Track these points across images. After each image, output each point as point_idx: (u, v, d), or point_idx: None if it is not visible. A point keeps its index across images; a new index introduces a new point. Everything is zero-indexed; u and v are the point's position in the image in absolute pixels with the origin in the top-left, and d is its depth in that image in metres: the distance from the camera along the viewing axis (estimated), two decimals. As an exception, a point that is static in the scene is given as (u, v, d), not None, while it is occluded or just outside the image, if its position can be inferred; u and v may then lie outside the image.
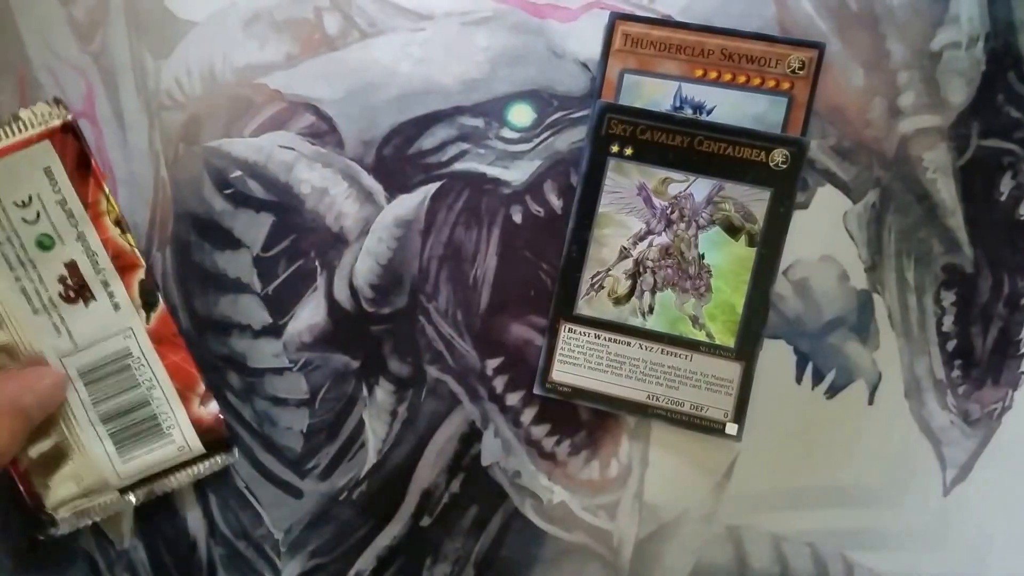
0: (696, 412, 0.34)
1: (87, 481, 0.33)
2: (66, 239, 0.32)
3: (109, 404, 0.33)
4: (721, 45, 0.34)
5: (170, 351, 0.33)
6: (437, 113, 0.35)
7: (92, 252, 0.33)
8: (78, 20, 0.35)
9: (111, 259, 0.33)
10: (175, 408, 0.33)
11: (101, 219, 0.33)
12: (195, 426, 0.34)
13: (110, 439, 0.33)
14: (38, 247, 0.32)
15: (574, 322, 0.34)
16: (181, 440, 0.33)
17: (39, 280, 0.32)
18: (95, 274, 0.33)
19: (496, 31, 0.35)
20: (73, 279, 0.32)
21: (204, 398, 0.34)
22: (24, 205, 0.32)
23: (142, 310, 0.33)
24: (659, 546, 0.34)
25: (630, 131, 0.34)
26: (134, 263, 0.33)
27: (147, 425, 0.33)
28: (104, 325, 0.33)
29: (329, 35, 0.35)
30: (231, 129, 0.35)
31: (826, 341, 0.34)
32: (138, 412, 0.33)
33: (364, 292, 0.35)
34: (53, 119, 0.32)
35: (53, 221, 0.32)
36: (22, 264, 0.32)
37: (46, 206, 0.32)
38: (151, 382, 0.33)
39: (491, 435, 0.35)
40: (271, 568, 0.35)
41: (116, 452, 0.33)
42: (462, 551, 0.35)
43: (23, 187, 0.32)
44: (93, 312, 0.33)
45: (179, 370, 0.33)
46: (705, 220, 0.34)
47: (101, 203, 0.33)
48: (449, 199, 0.35)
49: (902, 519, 0.34)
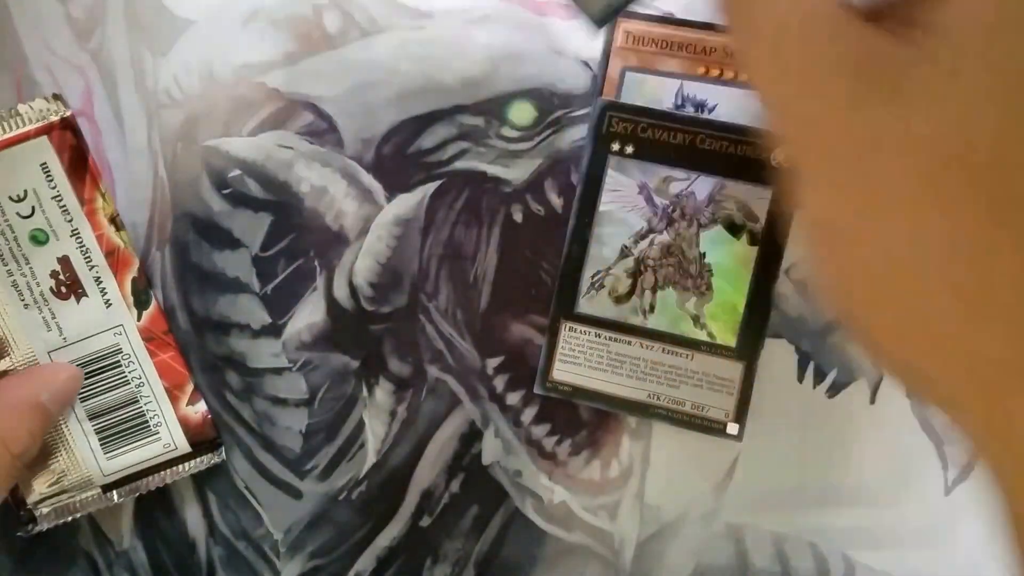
0: (697, 412, 0.33)
1: (70, 477, 0.33)
2: (60, 234, 0.32)
3: (97, 400, 0.33)
4: (723, 43, 0.33)
5: (160, 349, 0.33)
6: (437, 111, 0.35)
7: (86, 248, 0.32)
8: (76, 18, 0.35)
9: (104, 256, 0.33)
10: (163, 406, 0.33)
11: (96, 216, 0.32)
12: (182, 425, 0.33)
13: (96, 435, 0.33)
14: (32, 241, 0.32)
15: (575, 321, 0.34)
16: (168, 438, 0.33)
17: (31, 275, 0.32)
18: (88, 270, 0.32)
19: (497, 29, 0.34)
20: (65, 274, 0.32)
21: (192, 397, 0.33)
22: (19, 200, 0.32)
23: (134, 308, 0.33)
24: (660, 546, 0.34)
25: (631, 129, 0.33)
26: (128, 261, 0.33)
27: (134, 422, 0.33)
28: (95, 321, 0.33)
29: (328, 33, 0.35)
30: (230, 128, 0.35)
31: (828, 340, 0.34)
32: (126, 409, 0.33)
33: (364, 291, 0.35)
34: (51, 115, 0.32)
35: (48, 216, 0.32)
36: (15, 258, 0.32)
37: (41, 201, 0.32)
38: (140, 380, 0.33)
39: (491, 435, 0.34)
40: (270, 569, 0.35)
41: (101, 448, 0.33)
42: (462, 551, 0.35)
43: (19, 182, 0.32)
44: (84, 308, 0.32)
45: (168, 369, 0.33)
46: (707, 219, 0.33)
47: (97, 200, 0.32)
48: (449, 198, 0.35)
49: (903, 518, 0.34)
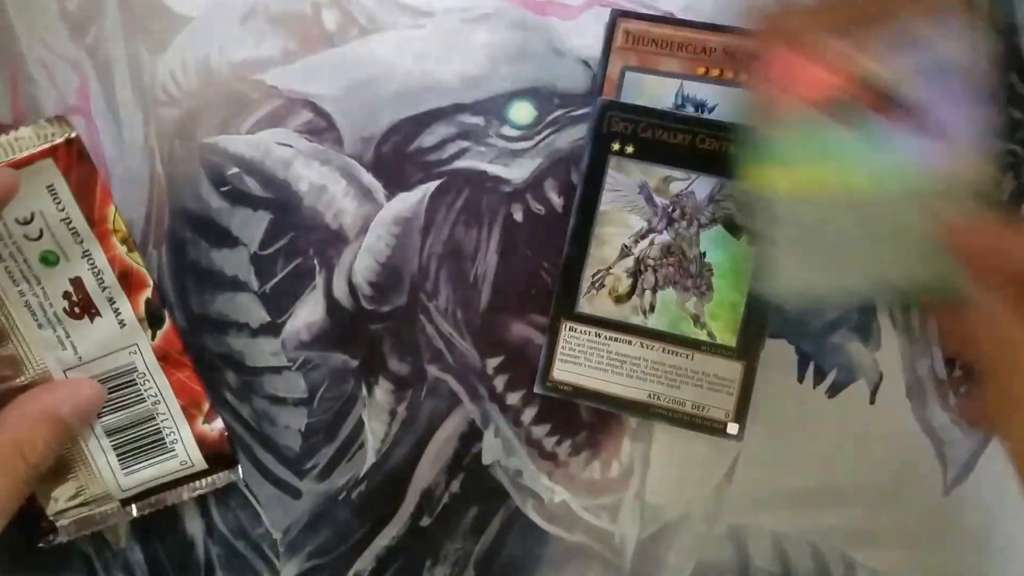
0: (697, 412, 0.33)
1: (89, 491, 0.33)
2: (71, 256, 0.32)
3: (113, 417, 0.33)
4: (723, 43, 0.33)
5: (175, 368, 0.33)
6: (437, 110, 0.34)
7: (98, 270, 0.32)
8: (72, 13, 0.35)
9: (117, 277, 0.32)
10: (179, 424, 0.33)
11: (108, 238, 0.32)
12: (199, 442, 0.33)
13: (113, 451, 0.33)
14: (42, 263, 0.31)
15: (575, 320, 0.34)
16: (184, 455, 0.33)
17: (44, 295, 0.32)
18: (101, 292, 0.32)
19: (496, 28, 0.34)
20: (78, 295, 0.32)
21: (209, 415, 0.33)
22: (26, 223, 0.31)
23: (148, 328, 0.32)
24: (661, 546, 0.34)
25: (631, 129, 0.33)
26: (142, 281, 0.32)
27: (151, 439, 0.33)
28: (109, 341, 0.32)
29: (327, 30, 0.35)
30: (228, 125, 0.35)
31: (828, 340, 0.34)
32: (142, 426, 0.33)
33: (363, 290, 0.35)
34: (55, 136, 0.31)
35: (57, 238, 0.31)
36: (26, 279, 0.31)
37: (49, 224, 0.31)
38: (156, 398, 0.33)
39: (491, 435, 0.34)
40: (270, 568, 0.35)
41: (119, 464, 0.33)
42: (462, 551, 0.34)
43: (25, 204, 0.31)
44: (98, 328, 0.32)
45: (184, 387, 0.33)
46: (707, 218, 0.33)
47: (108, 221, 0.32)
48: (449, 197, 0.34)
49: (903, 518, 0.34)
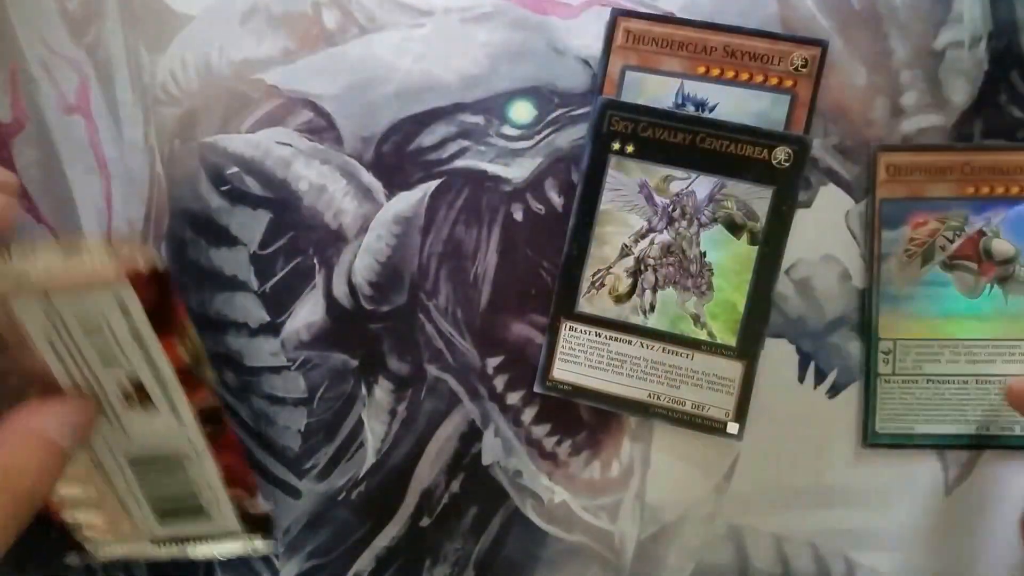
0: (697, 411, 0.33)
1: (122, 528, 0.33)
2: (133, 360, 0.30)
3: (156, 490, 0.32)
4: (724, 42, 0.33)
5: (227, 455, 0.32)
6: (437, 110, 0.34)
7: (162, 378, 0.30)
8: (72, 13, 0.35)
9: (181, 384, 0.30)
10: (222, 501, 0.33)
11: (176, 350, 0.30)
12: (242, 517, 0.33)
13: (152, 511, 0.33)
14: (102, 363, 0.29)
15: (575, 320, 0.34)
16: (222, 523, 0.33)
17: (98, 384, 0.30)
18: (161, 395, 0.30)
19: (497, 27, 0.34)
20: (137, 394, 0.30)
21: (253, 492, 0.33)
22: (92, 332, 0.29)
23: (205, 425, 0.31)
24: (661, 546, 0.34)
25: (631, 128, 0.33)
26: (205, 394, 0.31)
27: (192, 510, 0.33)
28: (163, 433, 0.31)
29: (327, 30, 0.35)
30: (228, 125, 0.35)
31: (828, 340, 0.34)
32: (186, 501, 0.33)
33: (363, 290, 0.34)
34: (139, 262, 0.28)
35: (123, 347, 0.29)
36: (82, 374, 0.30)
37: (116, 335, 0.29)
38: (203, 479, 0.32)
39: (491, 434, 0.34)
40: (269, 568, 0.35)
41: (155, 519, 0.33)
42: (462, 551, 0.34)
43: (93, 317, 0.29)
44: (152, 418, 0.31)
45: (233, 472, 0.32)
46: (707, 218, 0.33)
47: (181, 342, 0.30)
48: (449, 196, 0.34)
49: (904, 519, 0.34)
